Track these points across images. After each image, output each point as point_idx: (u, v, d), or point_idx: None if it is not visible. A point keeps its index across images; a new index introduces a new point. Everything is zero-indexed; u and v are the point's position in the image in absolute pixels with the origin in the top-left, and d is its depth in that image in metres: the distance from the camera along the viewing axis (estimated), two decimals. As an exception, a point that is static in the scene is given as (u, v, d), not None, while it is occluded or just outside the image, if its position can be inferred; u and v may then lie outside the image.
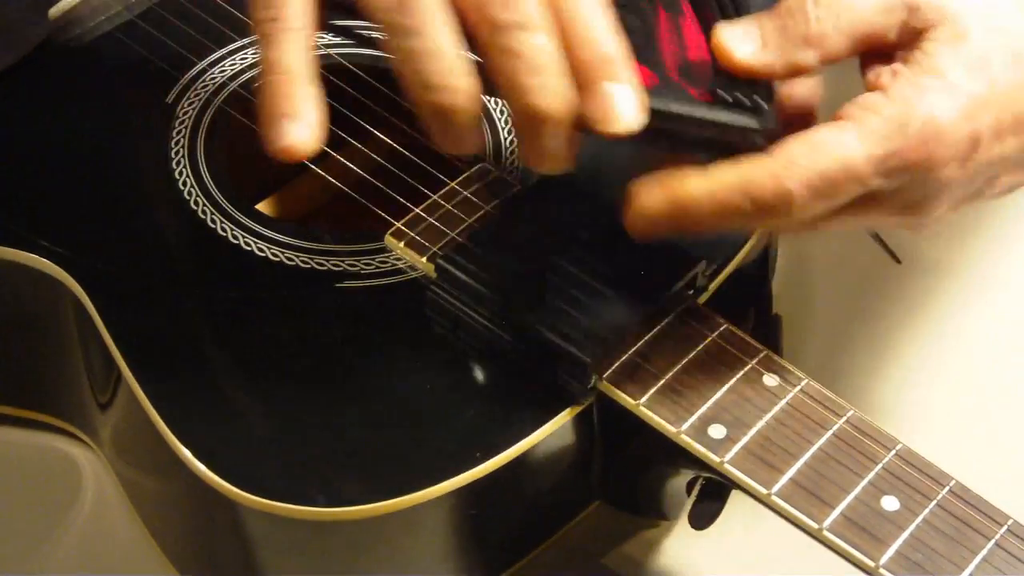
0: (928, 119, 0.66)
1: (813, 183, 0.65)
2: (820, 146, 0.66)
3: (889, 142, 0.66)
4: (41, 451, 0.84)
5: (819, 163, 0.65)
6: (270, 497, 0.70)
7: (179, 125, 0.86)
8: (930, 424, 0.83)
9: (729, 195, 0.66)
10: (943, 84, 0.66)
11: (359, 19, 0.68)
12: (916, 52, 0.67)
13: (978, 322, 0.88)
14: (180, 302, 0.78)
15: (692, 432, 0.70)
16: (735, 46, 0.67)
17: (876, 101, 0.66)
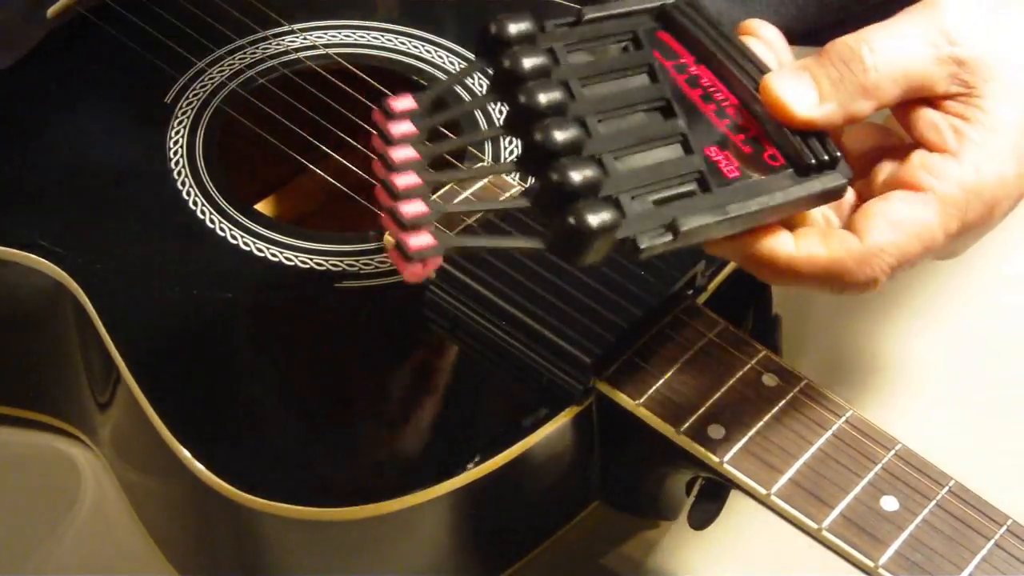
0: (998, 184, 0.66)
1: (898, 267, 0.66)
2: (904, 228, 0.65)
3: (966, 214, 0.66)
4: (41, 451, 0.84)
5: (904, 248, 0.65)
6: (270, 497, 0.70)
7: (178, 125, 0.86)
8: (930, 424, 0.83)
9: (812, 273, 0.65)
10: (1006, 146, 0.67)
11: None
12: (975, 111, 0.67)
13: (978, 322, 0.88)
14: (179, 302, 0.78)
15: (691, 432, 0.70)
16: (794, 101, 0.66)
17: (949, 169, 0.66)
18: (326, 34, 0.91)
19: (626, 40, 0.69)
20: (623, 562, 0.78)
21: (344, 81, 0.89)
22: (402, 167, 0.62)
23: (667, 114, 0.67)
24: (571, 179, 0.62)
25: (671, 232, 0.63)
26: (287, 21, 0.92)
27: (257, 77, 0.89)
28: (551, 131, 0.62)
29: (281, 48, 0.90)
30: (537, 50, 0.64)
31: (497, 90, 0.64)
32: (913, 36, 0.67)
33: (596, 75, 0.67)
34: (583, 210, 0.61)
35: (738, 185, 0.65)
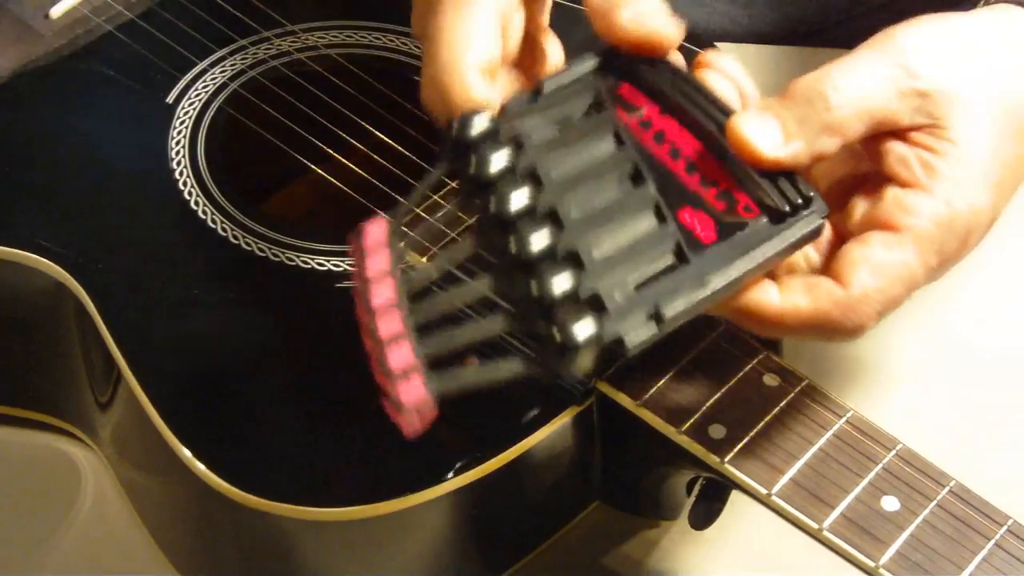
0: (970, 214, 0.67)
1: (884, 311, 0.66)
2: (886, 272, 0.65)
3: (942, 248, 0.66)
4: (41, 451, 0.84)
5: (888, 293, 0.65)
6: (270, 497, 0.70)
7: (179, 125, 0.86)
8: (930, 424, 0.83)
9: (801, 327, 0.65)
10: (976, 176, 0.67)
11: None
12: (943, 143, 0.67)
13: (978, 322, 0.89)
14: (180, 302, 0.78)
15: (692, 432, 0.70)
16: (759, 142, 0.66)
17: (922, 206, 0.66)
18: (327, 34, 0.91)
19: (587, 104, 0.68)
20: (623, 562, 0.78)
21: (345, 81, 0.89)
22: (382, 308, 0.61)
23: (637, 180, 0.66)
24: (551, 291, 0.61)
25: (655, 321, 0.63)
26: (288, 21, 0.92)
27: (259, 77, 0.89)
28: (526, 240, 0.62)
29: (283, 48, 0.90)
30: (501, 147, 0.64)
31: (467, 193, 0.64)
32: (873, 72, 0.67)
33: (563, 152, 0.66)
34: (568, 323, 0.60)
35: (716, 249, 0.65)
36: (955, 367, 0.86)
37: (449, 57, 0.67)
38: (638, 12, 0.68)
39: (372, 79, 0.89)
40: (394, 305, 0.62)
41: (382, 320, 0.61)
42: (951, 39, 0.69)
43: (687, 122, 0.68)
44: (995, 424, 0.84)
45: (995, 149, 0.68)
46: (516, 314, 0.62)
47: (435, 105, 0.68)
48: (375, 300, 0.61)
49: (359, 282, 0.62)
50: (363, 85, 0.89)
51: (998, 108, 0.68)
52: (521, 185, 0.63)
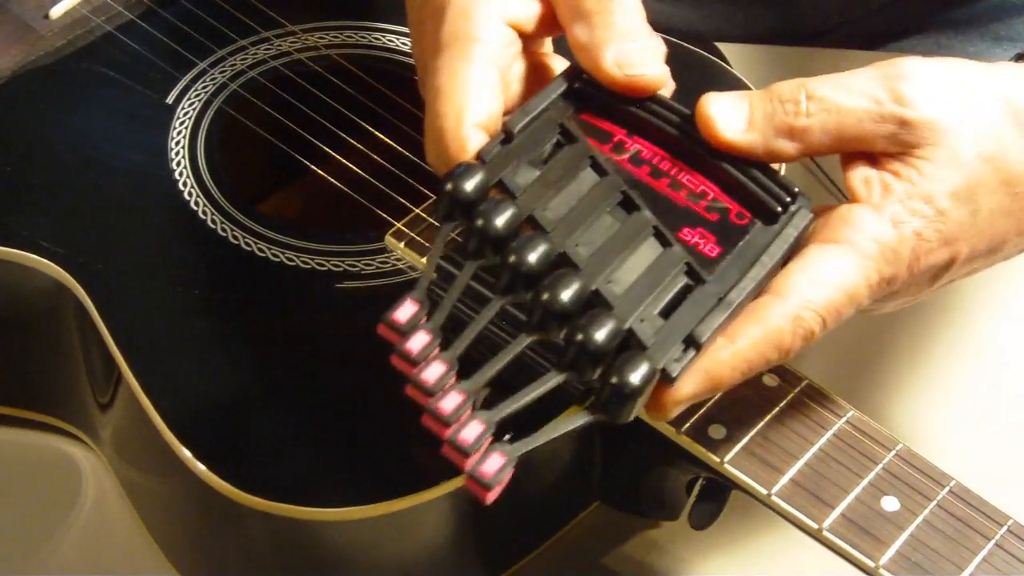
0: (916, 245, 0.66)
1: (828, 320, 0.65)
2: (825, 279, 0.65)
3: (885, 268, 0.66)
4: (41, 451, 0.84)
5: (829, 299, 0.65)
6: (270, 497, 0.70)
7: (179, 125, 0.86)
8: (930, 424, 0.83)
9: (759, 354, 0.65)
10: (932, 211, 0.66)
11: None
12: (910, 169, 0.67)
13: (978, 321, 0.89)
14: (180, 302, 0.78)
15: (692, 432, 0.70)
16: (722, 121, 0.67)
17: (870, 224, 0.66)
18: (327, 35, 0.91)
19: (556, 138, 0.68)
20: (623, 562, 0.78)
21: (345, 82, 0.89)
22: (440, 386, 0.61)
23: (629, 208, 0.66)
24: (596, 340, 0.61)
25: (692, 347, 0.63)
26: (288, 22, 0.92)
27: (258, 78, 0.89)
28: (556, 292, 0.62)
29: (282, 49, 0.90)
30: (502, 202, 0.64)
31: (475, 248, 0.64)
32: (858, 91, 0.67)
33: (551, 192, 0.66)
34: (624, 371, 0.61)
35: (724, 264, 0.65)
36: (955, 366, 0.86)
37: (448, 119, 0.67)
38: (622, 52, 0.68)
39: (371, 79, 0.89)
40: (450, 380, 0.62)
41: (444, 400, 0.61)
42: (958, 79, 0.68)
43: (657, 139, 0.69)
44: (995, 424, 0.84)
45: (966, 191, 0.67)
46: (563, 364, 0.62)
47: (438, 165, 0.68)
48: (428, 378, 0.61)
49: (403, 366, 0.62)
50: (362, 85, 0.89)
51: (982, 155, 0.67)
52: (536, 241, 0.63)
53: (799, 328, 0.65)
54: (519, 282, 0.63)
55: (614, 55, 0.68)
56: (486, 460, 0.60)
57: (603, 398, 0.61)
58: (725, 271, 0.65)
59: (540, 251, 0.63)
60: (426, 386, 0.61)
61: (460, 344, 0.62)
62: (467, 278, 0.64)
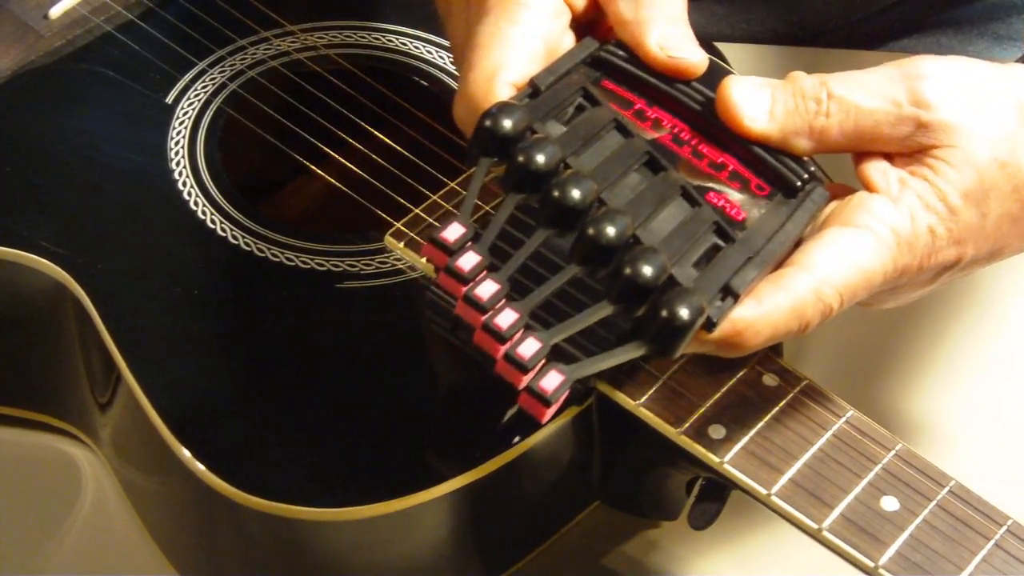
0: (929, 242, 0.67)
1: (846, 296, 0.66)
2: (846, 259, 0.66)
3: (900, 258, 0.66)
4: (41, 452, 0.84)
5: (849, 277, 0.65)
6: (270, 497, 0.70)
7: (179, 125, 0.86)
8: (930, 424, 0.83)
9: (783, 322, 0.65)
10: (945, 209, 0.67)
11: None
12: (924, 168, 0.67)
13: (977, 321, 0.89)
14: (180, 302, 0.78)
15: (692, 432, 0.70)
16: (745, 108, 0.67)
17: (888, 213, 0.66)
18: (327, 35, 0.91)
19: (580, 99, 0.69)
20: (623, 562, 0.78)
21: (344, 81, 0.89)
22: (494, 304, 0.61)
23: (655, 168, 0.67)
24: (645, 274, 0.62)
25: (731, 295, 0.64)
26: (287, 22, 0.92)
27: (258, 78, 0.89)
28: (604, 227, 0.62)
29: (282, 49, 0.90)
30: (542, 142, 0.64)
31: (514, 184, 0.64)
32: (878, 93, 0.67)
33: (581, 146, 0.66)
34: (674, 305, 0.61)
35: (751, 228, 0.66)
36: (955, 366, 0.86)
37: (484, 74, 0.68)
38: (666, 36, 0.69)
39: (371, 79, 0.89)
40: (503, 299, 0.62)
41: (500, 316, 0.61)
42: (975, 80, 0.69)
43: (677, 111, 0.69)
44: (995, 424, 0.84)
45: (977, 194, 0.67)
46: (612, 297, 0.62)
47: (464, 119, 0.68)
48: (482, 294, 0.61)
49: (452, 284, 0.62)
50: (362, 85, 0.89)
51: (997, 159, 0.68)
52: (578, 178, 0.63)
53: (820, 302, 0.65)
54: (563, 217, 0.63)
55: (658, 36, 0.68)
56: (545, 375, 0.60)
57: (654, 330, 0.61)
58: (752, 234, 0.66)
59: (583, 187, 0.63)
60: (480, 302, 0.61)
61: (510, 266, 0.63)
62: (510, 209, 0.64)
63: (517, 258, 0.63)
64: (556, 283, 0.63)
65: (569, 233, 0.63)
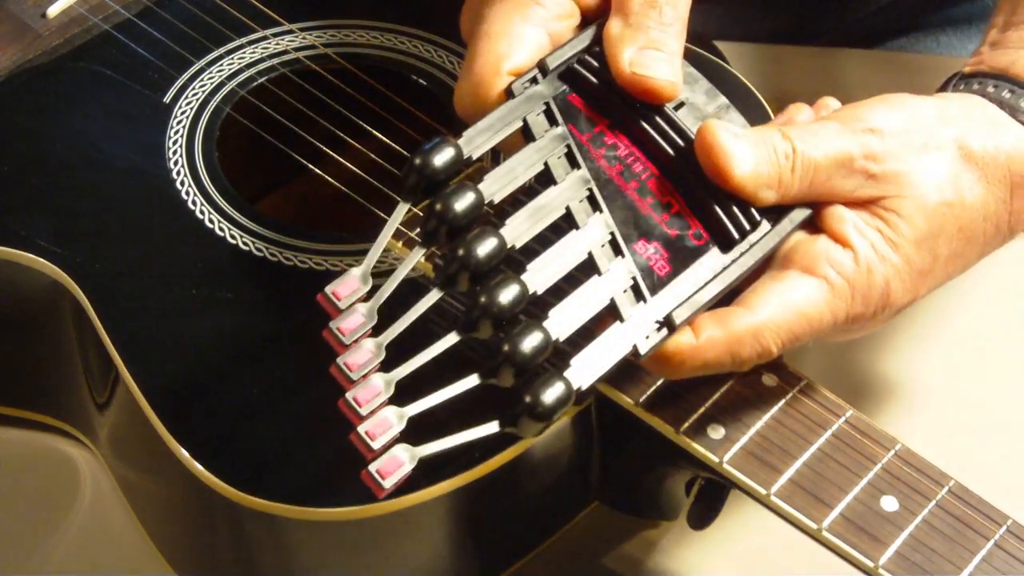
0: (883, 293, 0.69)
1: (788, 343, 0.68)
2: (794, 307, 0.67)
3: (853, 309, 0.68)
4: (39, 452, 0.84)
5: (793, 325, 0.67)
6: (269, 497, 0.70)
7: (177, 125, 0.86)
8: (930, 424, 0.83)
9: (717, 355, 0.67)
10: (900, 259, 0.69)
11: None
12: (878, 219, 0.69)
13: (978, 321, 0.89)
14: (178, 302, 0.78)
15: (691, 432, 0.70)
16: (737, 159, 0.67)
17: (844, 263, 0.68)
18: (325, 33, 0.91)
19: (540, 112, 0.68)
20: (623, 562, 0.78)
21: (343, 81, 0.89)
22: (361, 374, 0.62)
23: (592, 206, 0.67)
24: (520, 350, 0.62)
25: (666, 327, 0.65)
26: (286, 20, 0.92)
27: (256, 77, 0.89)
28: (495, 294, 0.62)
29: (280, 48, 0.90)
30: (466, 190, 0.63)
31: (430, 232, 0.64)
32: (831, 147, 0.69)
33: (517, 180, 0.66)
34: (538, 390, 0.61)
35: (670, 286, 0.66)
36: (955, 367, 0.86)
37: (487, 65, 0.68)
38: (641, 55, 0.69)
39: (370, 78, 0.89)
40: (371, 368, 0.62)
41: (361, 390, 0.62)
42: (918, 124, 0.70)
43: (639, 139, 0.69)
44: (995, 424, 0.84)
45: (928, 241, 0.69)
46: (484, 371, 0.63)
47: (466, 107, 0.68)
48: (353, 367, 0.63)
49: (333, 343, 0.63)
50: (361, 84, 0.89)
51: (944, 202, 0.70)
52: (488, 237, 0.63)
53: (757, 344, 0.67)
54: (462, 276, 0.63)
55: (632, 54, 0.68)
56: (386, 459, 0.61)
57: (514, 413, 0.62)
58: (669, 293, 0.66)
59: (490, 248, 0.63)
60: (349, 371, 0.62)
61: (391, 332, 0.63)
62: (415, 260, 0.64)
63: (402, 322, 0.63)
64: (432, 353, 0.63)
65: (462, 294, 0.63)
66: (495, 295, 0.62)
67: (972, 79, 0.74)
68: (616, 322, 0.65)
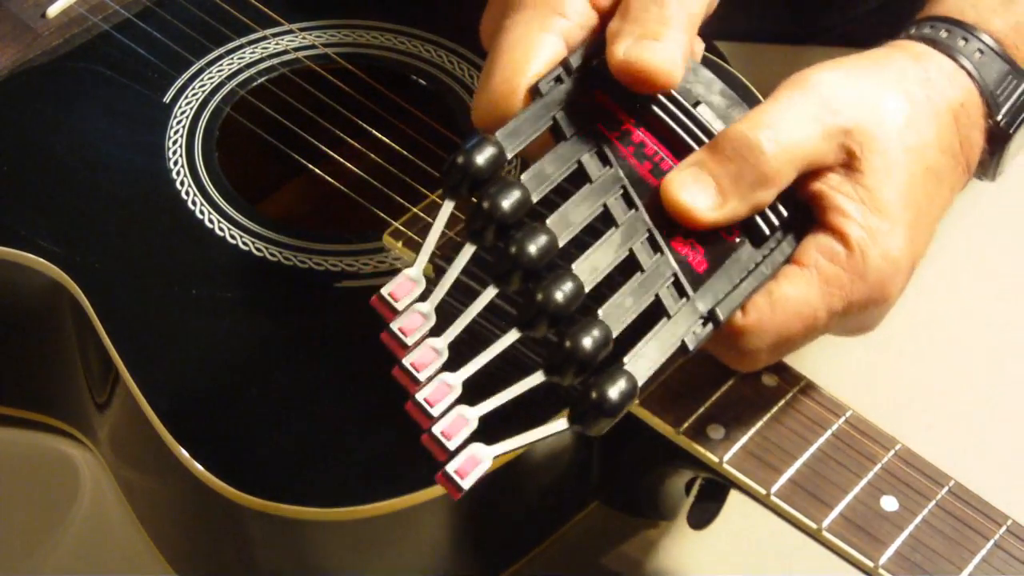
0: (882, 264, 0.68)
1: (779, 345, 0.68)
2: (785, 307, 0.67)
3: (850, 293, 0.68)
4: (39, 452, 0.84)
5: (783, 327, 0.67)
6: (270, 497, 0.70)
7: (176, 125, 0.86)
8: (930, 424, 0.83)
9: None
10: (890, 223, 0.68)
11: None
12: (859, 187, 0.68)
13: (978, 321, 0.89)
14: (178, 302, 0.78)
15: (691, 432, 0.70)
16: (694, 207, 0.66)
17: (834, 250, 0.67)
18: (325, 33, 0.91)
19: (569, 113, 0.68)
20: (623, 562, 0.78)
21: (343, 81, 0.89)
22: (429, 376, 0.61)
23: (628, 204, 0.67)
24: (583, 347, 0.61)
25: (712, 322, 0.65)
26: (286, 20, 0.92)
27: (256, 77, 0.89)
28: (552, 292, 0.61)
29: (280, 47, 0.90)
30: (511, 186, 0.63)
31: (474, 234, 0.63)
32: (800, 114, 0.68)
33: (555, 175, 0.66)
34: (604, 386, 0.61)
35: (710, 282, 0.66)
36: (955, 367, 0.86)
37: (507, 75, 0.68)
38: (636, 44, 0.68)
39: (370, 78, 0.89)
40: (438, 369, 0.62)
41: (431, 391, 0.61)
42: (861, 79, 0.70)
43: (664, 137, 0.69)
44: (995, 424, 0.84)
45: (907, 192, 0.69)
46: (548, 368, 0.62)
47: (485, 116, 0.68)
48: (420, 367, 0.61)
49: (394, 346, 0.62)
50: (361, 84, 0.89)
51: (908, 149, 0.69)
52: (538, 234, 0.63)
53: (749, 346, 0.67)
54: (516, 273, 0.62)
55: (627, 45, 0.68)
56: (463, 459, 0.60)
57: (581, 410, 0.61)
58: (709, 288, 0.66)
59: (541, 245, 0.62)
60: (416, 372, 0.61)
61: (453, 330, 0.62)
62: (467, 259, 0.63)
63: (462, 320, 0.62)
64: (495, 350, 0.62)
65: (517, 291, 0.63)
66: (551, 292, 0.61)
67: (909, 27, 0.75)
68: (664, 319, 0.65)
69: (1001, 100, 0.73)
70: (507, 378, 0.62)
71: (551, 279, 0.62)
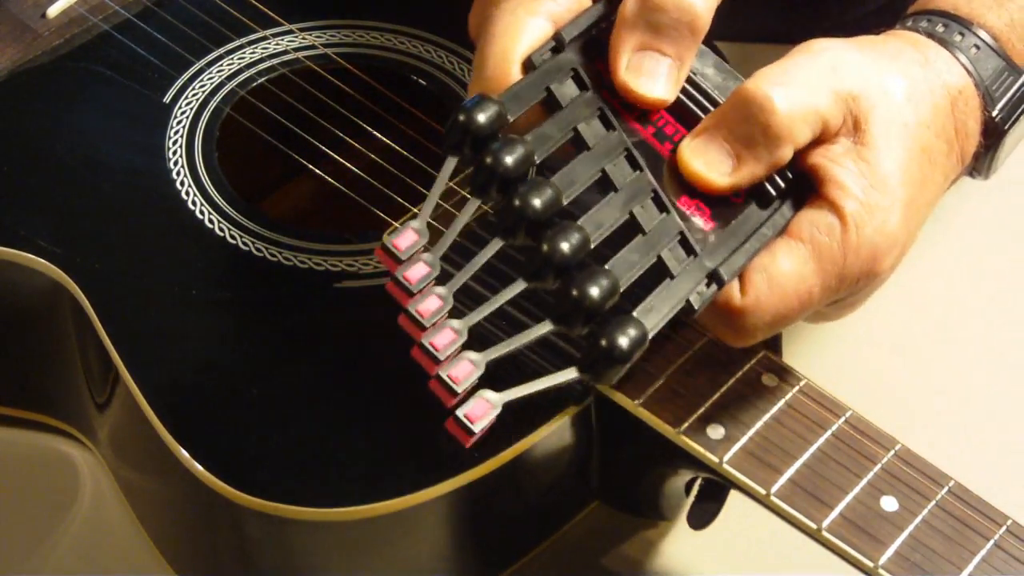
0: (876, 238, 0.67)
1: (776, 322, 0.67)
2: (782, 283, 0.67)
3: (844, 269, 0.67)
4: (39, 452, 0.84)
5: (780, 304, 0.67)
6: (270, 497, 0.70)
7: (176, 125, 0.86)
8: (930, 424, 0.83)
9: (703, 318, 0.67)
10: (889, 199, 0.68)
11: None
12: (860, 161, 0.68)
13: (978, 322, 0.89)
14: (177, 302, 0.78)
15: (691, 432, 0.70)
16: (710, 174, 0.67)
17: (830, 224, 0.67)
18: (325, 33, 0.91)
19: (570, 79, 0.68)
20: (623, 562, 0.78)
21: (343, 81, 0.89)
22: (433, 320, 0.62)
23: (632, 166, 0.67)
24: (590, 295, 0.61)
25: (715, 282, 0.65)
26: (286, 20, 0.92)
27: (256, 77, 0.89)
28: (558, 242, 0.62)
29: (280, 48, 0.90)
30: (514, 143, 0.63)
31: (478, 189, 0.64)
32: (810, 75, 0.68)
33: (559, 137, 0.66)
34: (613, 333, 0.61)
35: (716, 240, 0.66)
36: (955, 367, 0.86)
37: (501, 61, 0.68)
38: (636, 58, 0.68)
39: (370, 78, 0.89)
40: (442, 315, 0.62)
41: (438, 335, 0.61)
42: (862, 53, 0.70)
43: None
44: (995, 424, 0.84)
45: (905, 169, 0.69)
46: (555, 316, 0.62)
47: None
48: (425, 314, 0.62)
49: (399, 293, 0.63)
50: (361, 84, 0.89)
51: (906, 125, 0.69)
52: (543, 187, 0.63)
53: (745, 326, 0.67)
54: (520, 227, 0.63)
55: (625, 62, 0.68)
56: (472, 403, 0.61)
57: (591, 358, 0.62)
58: (716, 247, 0.66)
59: (545, 197, 0.63)
60: (421, 318, 0.62)
61: (458, 280, 0.62)
62: (471, 213, 0.64)
63: (466, 271, 0.63)
64: (502, 299, 0.63)
65: (524, 244, 0.63)
66: (556, 243, 0.62)
67: (905, 20, 0.75)
68: (670, 277, 0.65)
69: (997, 96, 0.73)
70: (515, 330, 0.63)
71: (557, 229, 0.62)
